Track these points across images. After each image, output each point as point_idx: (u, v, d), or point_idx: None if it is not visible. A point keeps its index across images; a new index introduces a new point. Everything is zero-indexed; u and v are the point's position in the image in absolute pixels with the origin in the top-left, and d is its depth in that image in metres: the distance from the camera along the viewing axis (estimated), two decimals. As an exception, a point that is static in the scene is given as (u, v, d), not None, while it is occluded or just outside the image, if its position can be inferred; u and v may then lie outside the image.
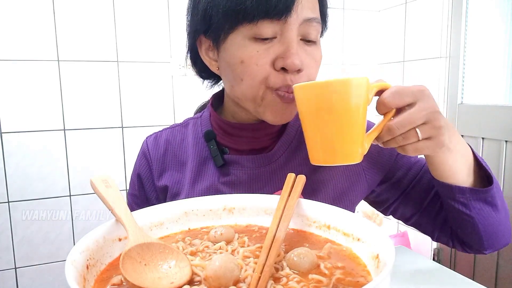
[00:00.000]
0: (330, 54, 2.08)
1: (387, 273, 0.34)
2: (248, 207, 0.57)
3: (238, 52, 0.63)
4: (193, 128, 0.79)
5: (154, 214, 0.54)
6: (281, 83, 0.62)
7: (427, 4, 1.84)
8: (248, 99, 0.66)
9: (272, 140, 0.74)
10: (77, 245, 0.42)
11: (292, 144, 0.74)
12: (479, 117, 1.68)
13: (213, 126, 0.76)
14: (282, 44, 0.62)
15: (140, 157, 0.81)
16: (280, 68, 0.62)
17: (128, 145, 1.78)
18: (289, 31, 0.61)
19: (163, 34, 1.77)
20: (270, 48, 0.62)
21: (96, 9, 1.67)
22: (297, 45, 0.62)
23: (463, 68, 1.76)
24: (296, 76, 0.63)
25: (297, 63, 0.61)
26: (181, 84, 1.82)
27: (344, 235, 0.49)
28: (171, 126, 0.83)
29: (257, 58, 0.62)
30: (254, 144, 0.74)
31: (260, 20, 0.59)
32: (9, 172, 1.62)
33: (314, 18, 0.63)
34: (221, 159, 0.72)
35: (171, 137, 0.80)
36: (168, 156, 0.78)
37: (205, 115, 0.79)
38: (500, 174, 1.60)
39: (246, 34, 0.62)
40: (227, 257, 0.40)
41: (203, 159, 0.75)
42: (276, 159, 0.72)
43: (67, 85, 1.66)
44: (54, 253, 1.73)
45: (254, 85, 0.63)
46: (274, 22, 0.60)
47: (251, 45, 0.62)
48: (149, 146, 0.80)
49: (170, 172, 0.77)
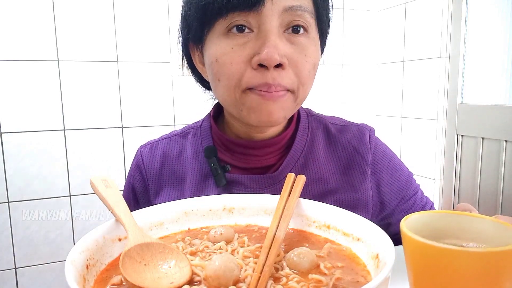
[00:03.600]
0: (330, 54, 2.08)
1: (387, 273, 0.34)
2: (248, 207, 0.57)
3: (213, 50, 0.58)
4: (192, 140, 0.73)
5: (154, 214, 0.54)
6: (258, 81, 0.56)
7: (427, 4, 1.84)
8: (228, 103, 0.61)
9: (278, 157, 0.69)
10: (77, 245, 0.42)
11: (298, 162, 0.68)
12: (479, 117, 1.68)
13: (214, 140, 0.71)
14: (259, 38, 0.56)
15: (134, 169, 0.74)
16: (257, 65, 0.55)
17: (128, 145, 1.78)
18: (265, 23, 0.55)
19: (163, 34, 1.77)
20: (246, 43, 0.56)
21: (96, 9, 1.66)
22: (277, 37, 0.56)
23: (463, 68, 1.76)
24: (281, 73, 0.56)
25: (275, 56, 0.54)
26: (181, 84, 1.82)
27: (344, 235, 0.49)
28: (169, 135, 0.76)
29: (231, 56, 0.56)
30: (257, 163, 0.68)
31: (230, 13, 0.55)
32: (9, 172, 1.62)
33: (296, 6, 0.56)
34: (223, 179, 0.66)
35: (168, 149, 0.73)
36: (165, 171, 0.72)
37: (205, 126, 0.73)
38: (500, 174, 1.59)
39: (220, 31, 0.57)
40: (227, 257, 0.40)
41: (203, 176, 0.69)
42: (280, 180, 0.66)
43: (67, 85, 1.66)
44: (54, 253, 1.73)
45: (230, 86, 0.58)
46: (246, 14, 0.55)
47: (225, 41, 0.57)
48: (143, 158, 0.73)
49: (167, 189, 0.71)
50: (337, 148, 0.72)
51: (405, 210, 0.72)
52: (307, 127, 0.72)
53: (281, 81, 0.57)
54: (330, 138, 0.73)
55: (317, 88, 2.25)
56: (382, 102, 2.18)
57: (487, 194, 1.66)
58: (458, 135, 1.78)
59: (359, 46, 2.15)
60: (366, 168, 0.70)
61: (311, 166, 0.69)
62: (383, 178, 0.71)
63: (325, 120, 0.75)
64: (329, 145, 0.72)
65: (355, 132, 0.73)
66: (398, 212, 0.72)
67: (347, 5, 2.10)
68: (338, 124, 0.75)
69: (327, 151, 0.71)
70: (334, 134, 0.73)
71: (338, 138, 0.72)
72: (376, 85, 2.20)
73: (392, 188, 0.71)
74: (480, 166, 1.68)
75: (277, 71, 0.56)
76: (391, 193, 0.71)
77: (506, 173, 1.58)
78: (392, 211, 0.72)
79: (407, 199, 0.73)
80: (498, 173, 1.60)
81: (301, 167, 0.68)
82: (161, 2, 1.75)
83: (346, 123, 0.76)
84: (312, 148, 0.70)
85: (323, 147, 0.72)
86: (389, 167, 0.72)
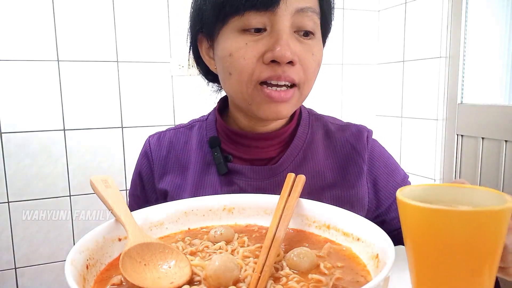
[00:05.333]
0: (330, 54, 2.07)
1: (387, 273, 0.34)
2: (248, 207, 0.57)
3: (227, 45, 0.62)
4: (198, 131, 0.77)
5: (154, 214, 0.54)
6: (269, 74, 0.60)
7: (427, 4, 1.84)
8: (238, 97, 0.64)
9: (278, 150, 0.72)
10: (77, 245, 0.42)
11: (298, 156, 0.71)
12: (479, 117, 1.68)
13: (218, 131, 0.75)
14: (272, 36, 0.59)
15: (142, 156, 0.79)
16: (269, 61, 0.59)
17: (128, 145, 1.78)
18: (279, 23, 0.59)
19: (163, 34, 1.77)
20: (260, 40, 0.60)
21: (96, 9, 1.66)
22: (289, 37, 0.60)
23: (462, 68, 1.76)
24: (291, 68, 0.60)
25: (287, 54, 0.58)
26: (181, 84, 1.82)
27: (344, 235, 0.49)
28: (176, 127, 0.81)
29: (245, 51, 0.60)
30: (259, 154, 0.72)
31: (247, 12, 0.58)
32: (9, 172, 1.62)
33: (307, 7, 0.60)
34: (225, 167, 0.70)
35: (174, 139, 0.78)
36: (170, 159, 0.76)
37: (210, 119, 0.77)
38: (500, 174, 1.60)
39: (235, 27, 0.61)
40: (226, 257, 0.40)
41: (206, 165, 0.73)
42: (280, 172, 0.70)
43: (67, 85, 1.66)
44: (54, 253, 1.73)
45: (242, 80, 0.61)
46: (261, 13, 0.58)
47: (240, 37, 0.60)
48: (151, 146, 0.78)
49: (171, 175, 0.75)
50: (336, 146, 0.74)
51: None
52: (308, 124, 0.75)
53: (290, 74, 0.61)
54: (329, 136, 0.76)
55: (317, 88, 2.24)
56: (382, 102, 2.18)
57: (487, 194, 1.66)
58: (458, 135, 1.78)
59: (359, 46, 2.15)
60: (363, 165, 0.72)
61: (310, 161, 0.72)
62: (379, 176, 0.74)
63: (326, 119, 0.79)
64: (328, 143, 0.75)
65: (353, 131, 0.76)
66: (392, 211, 0.74)
67: (347, 5, 2.10)
68: (338, 123, 0.78)
69: (326, 148, 0.74)
70: (333, 132, 0.76)
71: (337, 136, 0.75)
72: (376, 85, 2.20)
73: (388, 186, 0.74)
74: (480, 166, 1.68)
75: (287, 66, 0.60)
76: (386, 191, 0.73)
77: (506, 173, 1.58)
78: (387, 209, 0.74)
79: None
80: (498, 173, 1.60)
81: (300, 161, 0.71)
82: (161, 2, 1.75)
83: (346, 123, 0.79)
84: (311, 144, 0.73)
85: (322, 144, 0.75)
86: (385, 166, 0.75)
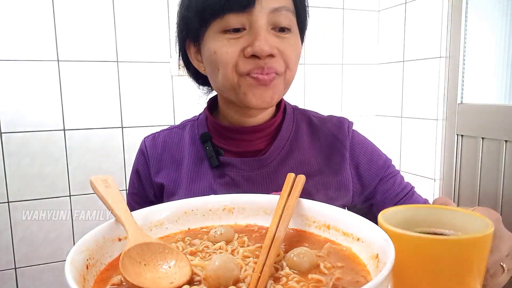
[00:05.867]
0: (330, 54, 2.08)
1: (387, 273, 0.34)
2: (248, 207, 0.57)
3: (211, 45, 0.68)
4: (190, 130, 0.83)
5: (154, 214, 0.54)
6: (251, 67, 0.65)
7: (427, 4, 1.84)
8: (227, 89, 0.69)
9: (266, 143, 0.78)
10: (76, 245, 0.42)
11: (285, 148, 0.77)
12: (479, 116, 1.68)
13: (209, 128, 0.80)
14: (251, 34, 0.66)
15: (138, 155, 0.84)
16: (250, 55, 0.65)
17: (128, 145, 1.78)
18: (256, 21, 0.65)
19: (163, 34, 1.77)
20: (240, 38, 0.66)
21: (96, 9, 1.66)
22: (266, 33, 0.66)
23: (462, 68, 1.76)
24: (272, 59, 0.66)
25: (265, 48, 0.64)
26: (181, 84, 1.82)
27: (344, 235, 0.49)
28: (169, 128, 0.86)
29: (227, 47, 0.66)
30: (248, 147, 0.77)
31: (226, 14, 0.65)
32: (9, 172, 1.62)
33: (281, 7, 0.66)
34: (217, 160, 0.75)
35: (168, 138, 0.84)
36: (165, 155, 0.81)
37: (201, 117, 0.83)
38: (500, 174, 1.60)
39: (217, 29, 0.67)
40: (226, 257, 0.40)
41: (199, 160, 0.78)
42: (268, 163, 0.75)
43: (67, 85, 1.66)
44: (54, 253, 1.73)
45: (228, 72, 0.67)
46: (240, 14, 0.65)
47: (222, 36, 0.66)
48: (147, 145, 0.84)
49: (166, 170, 0.80)
50: (319, 136, 0.81)
51: (384, 190, 0.79)
52: (293, 118, 0.81)
53: (272, 64, 0.67)
54: (313, 128, 0.82)
55: (317, 88, 2.25)
56: (382, 102, 2.18)
57: (487, 194, 1.67)
58: (458, 135, 1.78)
59: (359, 46, 2.15)
60: (345, 152, 0.79)
61: (296, 152, 0.78)
62: (360, 161, 0.80)
63: (309, 113, 0.85)
64: (312, 134, 0.81)
65: (335, 122, 0.82)
66: (379, 192, 0.80)
67: (347, 5, 2.10)
68: (320, 116, 0.85)
69: (310, 139, 0.80)
70: (316, 124, 0.82)
71: (320, 127, 0.82)
72: (376, 85, 2.20)
73: (370, 169, 0.79)
74: (480, 166, 1.69)
75: (268, 58, 0.66)
76: (369, 174, 0.79)
77: (506, 173, 1.58)
78: (373, 192, 0.80)
79: (386, 180, 0.80)
80: (498, 173, 1.60)
81: (287, 152, 0.77)
82: (161, 2, 1.75)
83: (328, 116, 0.86)
84: (297, 136, 0.80)
85: (307, 135, 0.81)
86: (366, 151, 0.81)
